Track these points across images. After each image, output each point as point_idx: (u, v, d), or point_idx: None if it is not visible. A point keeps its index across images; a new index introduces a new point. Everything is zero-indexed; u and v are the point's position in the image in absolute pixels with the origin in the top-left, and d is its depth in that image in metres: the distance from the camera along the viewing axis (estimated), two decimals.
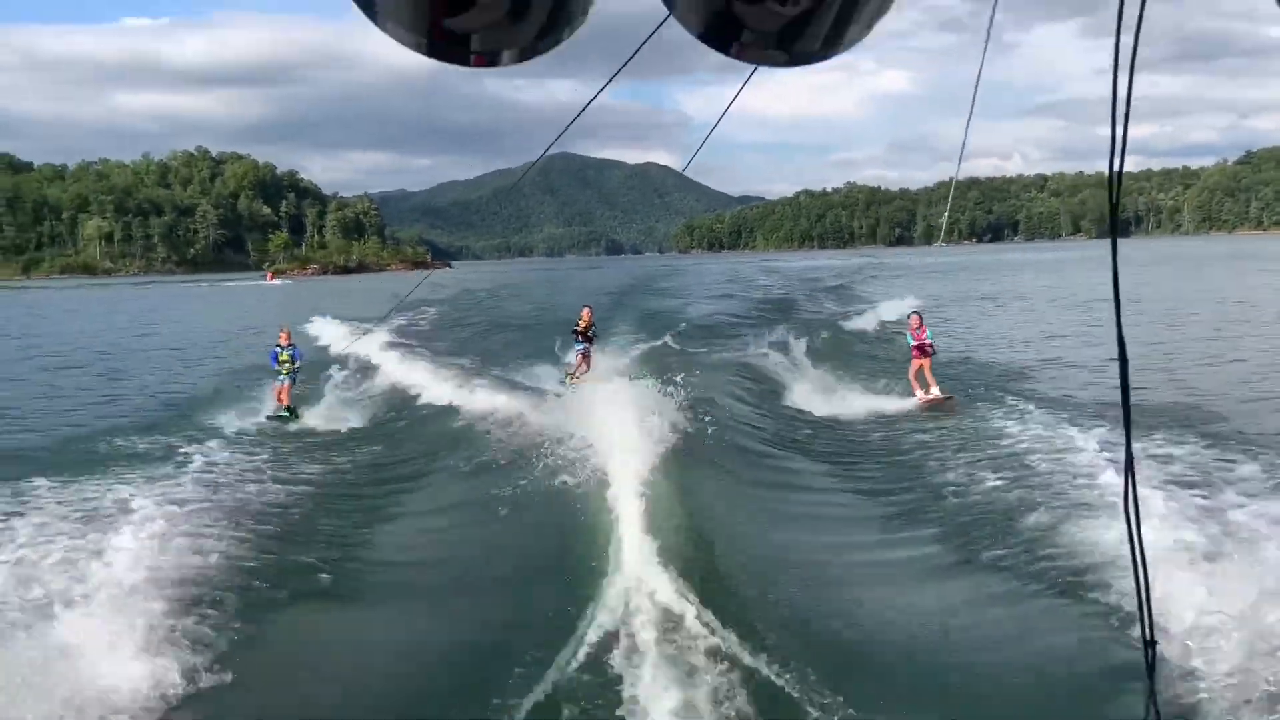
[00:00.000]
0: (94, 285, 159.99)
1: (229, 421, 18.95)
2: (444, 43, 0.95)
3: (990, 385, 20.52)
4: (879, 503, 11.95)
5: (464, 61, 0.99)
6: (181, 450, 15.26)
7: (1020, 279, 73.69)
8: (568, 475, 11.41)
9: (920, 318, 20.51)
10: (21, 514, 11.26)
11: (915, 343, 19.81)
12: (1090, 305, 39.64)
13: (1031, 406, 16.57)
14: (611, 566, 8.37)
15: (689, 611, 7.41)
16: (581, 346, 21.76)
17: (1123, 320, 1.31)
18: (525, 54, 1.01)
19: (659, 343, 29.46)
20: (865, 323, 35.87)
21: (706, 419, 14.54)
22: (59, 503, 11.82)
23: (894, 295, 48.07)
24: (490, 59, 0.99)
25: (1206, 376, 20.92)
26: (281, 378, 19.94)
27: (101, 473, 13.60)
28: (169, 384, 26.59)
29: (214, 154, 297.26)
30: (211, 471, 13.76)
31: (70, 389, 25.96)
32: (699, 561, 8.55)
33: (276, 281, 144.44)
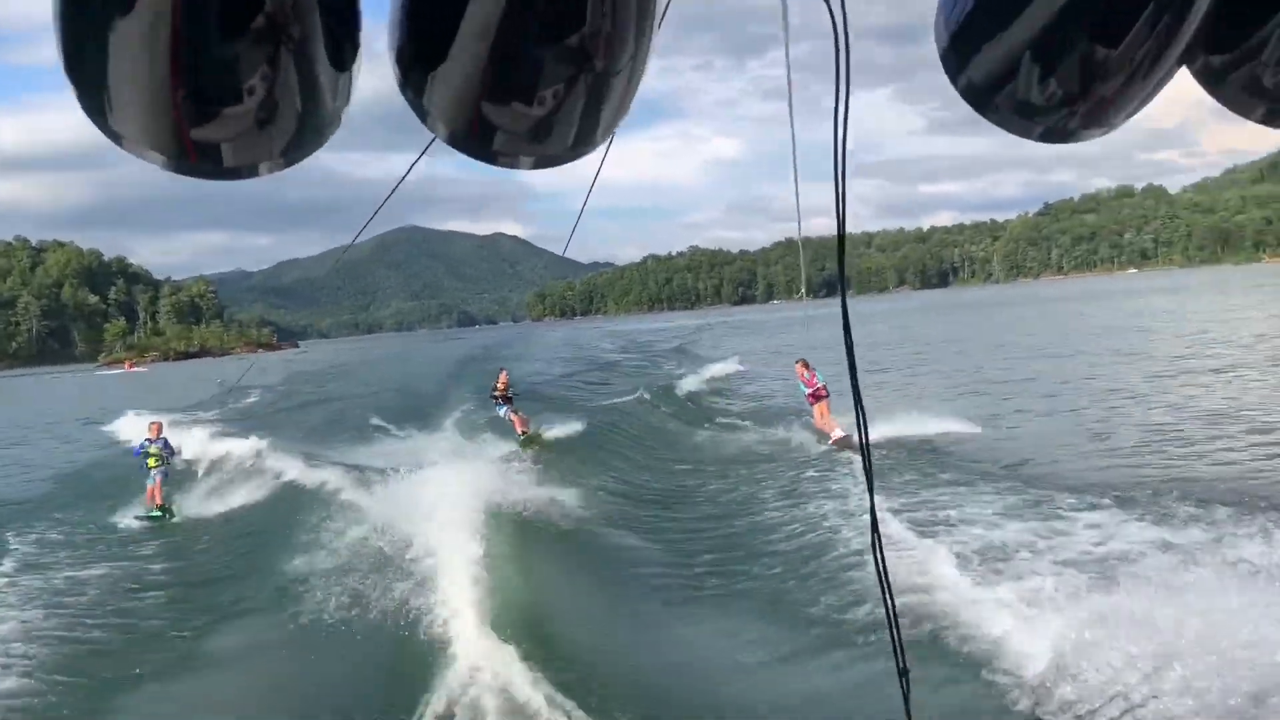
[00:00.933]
0: None
1: (85, 520, 18.48)
2: (195, 159, 0.95)
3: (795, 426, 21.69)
4: (705, 554, 13.03)
5: (220, 175, 0.98)
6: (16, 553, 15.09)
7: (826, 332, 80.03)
8: (406, 556, 11.54)
9: (805, 364, 20.78)
10: None
11: (809, 390, 20.27)
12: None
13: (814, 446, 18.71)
14: (450, 647, 8.71)
15: (524, 682, 7.81)
16: (504, 409, 21.71)
17: (857, 363, 1.38)
18: (285, 162, 1.01)
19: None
20: (710, 376, 37.73)
21: (550, 487, 15.31)
22: None
23: (722, 354, 51.82)
24: (248, 171, 0.99)
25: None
26: (151, 475, 18.48)
27: None
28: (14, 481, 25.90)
29: (34, 243, 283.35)
30: (47, 576, 13.77)
31: None
32: (534, 634, 8.87)
33: (137, 369, 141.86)
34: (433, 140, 1.17)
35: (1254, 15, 1.08)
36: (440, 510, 12.24)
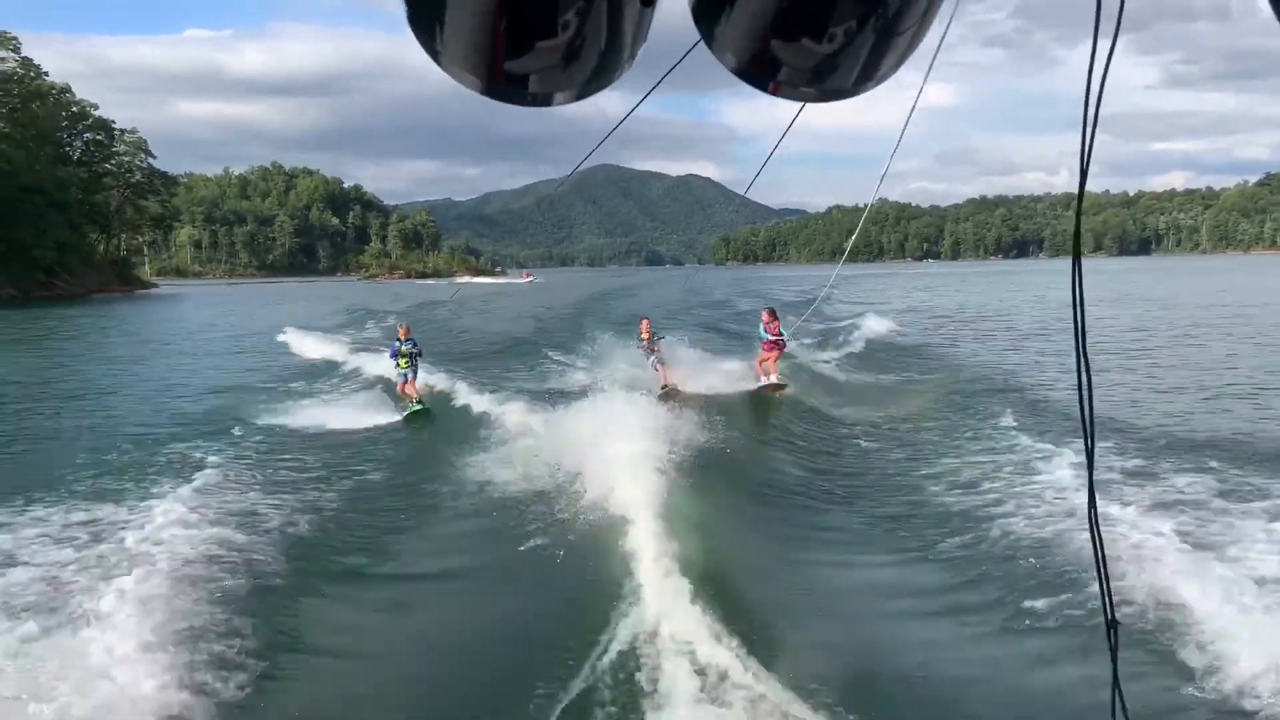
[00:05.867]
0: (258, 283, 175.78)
1: (350, 420, 19.28)
2: (502, 84, 1.02)
3: (978, 396, 20.55)
4: (877, 522, 12.07)
5: (521, 101, 1.06)
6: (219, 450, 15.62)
7: (971, 289, 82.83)
8: (587, 497, 11.42)
9: (773, 313, 20.45)
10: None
11: (770, 337, 20.02)
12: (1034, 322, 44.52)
13: (1012, 421, 17.19)
14: (629, 592, 8.42)
15: (706, 637, 7.43)
16: (651, 359, 20.69)
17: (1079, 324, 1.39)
18: (578, 95, 1.08)
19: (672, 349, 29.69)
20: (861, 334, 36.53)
21: (717, 434, 14.89)
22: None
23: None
24: (544, 100, 1.06)
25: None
26: (404, 373, 19.91)
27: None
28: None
29: (287, 168, 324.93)
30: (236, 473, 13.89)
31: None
32: (714, 587, 8.44)
33: (532, 279, 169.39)
34: (644, 97, 1.35)
35: None
36: (617, 443, 12.34)
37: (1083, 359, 1.42)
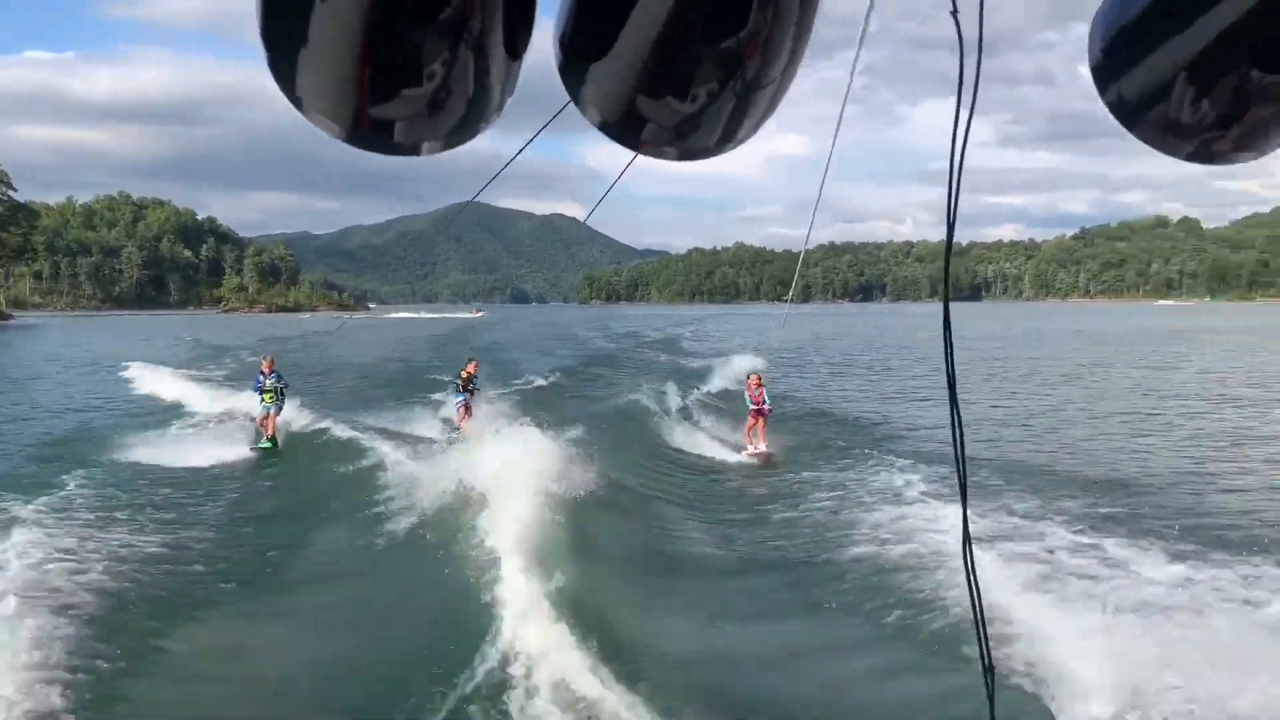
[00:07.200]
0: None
1: (197, 451, 19.16)
2: (367, 132, 1.01)
3: (831, 433, 21.89)
4: (750, 551, 12.41)
5: (386, 151, 1.05)
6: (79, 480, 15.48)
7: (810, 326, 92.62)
8: (453, 524, 11.62)
9: (759, 379, 20.76)
10: None
11: (754, 406, 20.15)
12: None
13: (869, 453, 18.06)
14: (497, 612, 8.63)
15: (572, 654, 7.71)
16: (461, 397, 21.38)
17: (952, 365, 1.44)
18: (445, 145, 1.08)
19: (534, 386, 32.07)
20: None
21: (585, 464, 14.89)
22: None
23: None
24: (411, 149, 1.05)
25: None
26: (265, 406, 19.67)
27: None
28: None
29: (135, 198, 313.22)
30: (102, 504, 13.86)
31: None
32: (581, 605, 8.70)
33: (482, 314, 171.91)
34: (550, 120, 1.31)
35: None
36: (488, 479, 12.57)
37: (955, 407, 1.44)
